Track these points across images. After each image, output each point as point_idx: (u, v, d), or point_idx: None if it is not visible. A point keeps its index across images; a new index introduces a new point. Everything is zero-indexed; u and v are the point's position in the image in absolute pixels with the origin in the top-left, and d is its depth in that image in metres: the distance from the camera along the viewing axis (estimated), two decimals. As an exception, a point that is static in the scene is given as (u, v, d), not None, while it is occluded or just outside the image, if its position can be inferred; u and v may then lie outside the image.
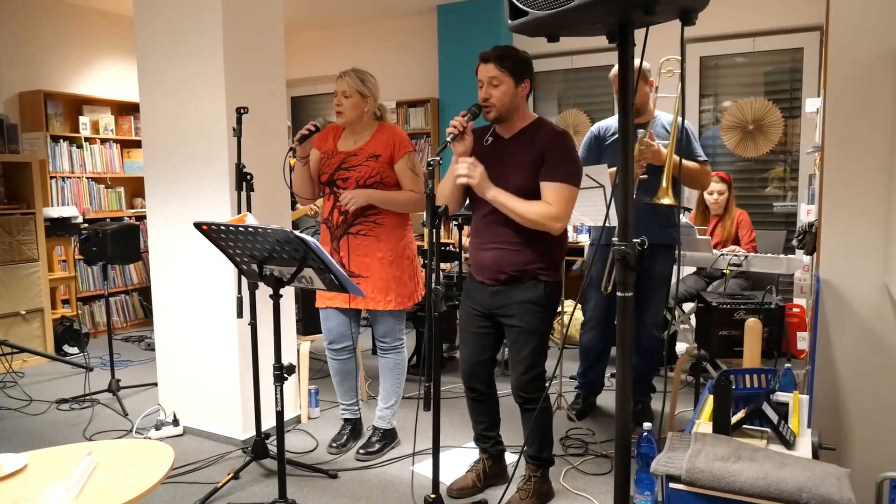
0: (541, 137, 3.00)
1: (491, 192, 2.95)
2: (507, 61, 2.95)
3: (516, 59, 2.98)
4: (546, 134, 3.01)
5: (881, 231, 2.81)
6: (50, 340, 5.95)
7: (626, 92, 1.79)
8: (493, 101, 2.97)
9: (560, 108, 7.26)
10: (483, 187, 2.95)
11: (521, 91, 3.01)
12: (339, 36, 8.25)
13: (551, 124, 3.08)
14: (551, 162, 2.94)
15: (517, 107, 3.03)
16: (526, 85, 3.02)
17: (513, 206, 2.93)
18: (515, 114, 3.04)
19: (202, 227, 2.86)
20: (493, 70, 2.95)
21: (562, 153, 2.97)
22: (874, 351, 2.86)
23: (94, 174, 6.97)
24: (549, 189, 2.93)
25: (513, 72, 2.96)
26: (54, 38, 6.89)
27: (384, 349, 3.85)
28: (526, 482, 3.27)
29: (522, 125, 3.08)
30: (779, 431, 2.18)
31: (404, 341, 3.89)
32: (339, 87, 3.62)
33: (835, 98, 2.84)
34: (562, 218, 2.93)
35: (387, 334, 3.82)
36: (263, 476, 3.64)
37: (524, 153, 3.00)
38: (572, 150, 3.01)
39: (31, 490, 2.10)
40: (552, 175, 2.94)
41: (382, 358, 3.87)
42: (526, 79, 3.02)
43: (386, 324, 3.79)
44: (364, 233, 3.65)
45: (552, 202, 2.92)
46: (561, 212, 2.92)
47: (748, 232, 5.18)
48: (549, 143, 2.98)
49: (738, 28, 6.10)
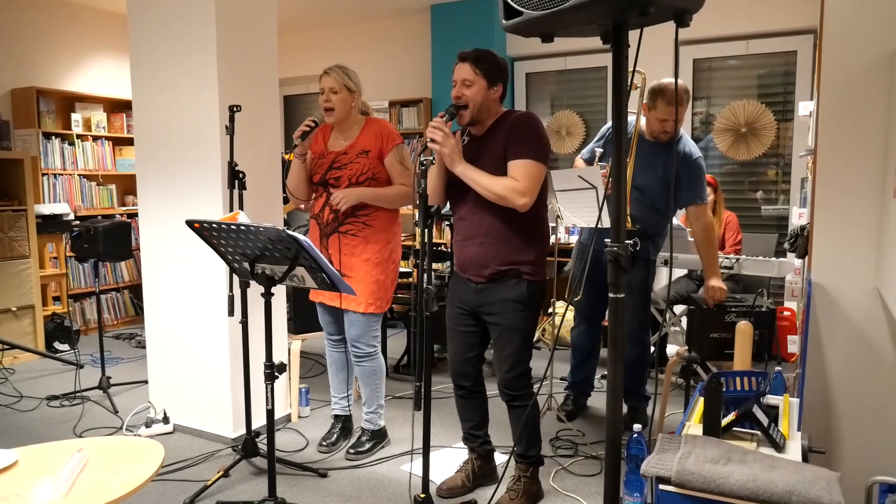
0: (507, 123, 3.07)
1: (460, 166, 3.01)
2: (482, 64, 3.03)
3: (492, 62, 3.06)
4: (512, 119, 3.08)
5: (873, 235, 2.82)
6: (41, 337, 5.92)
7: (619, 92, 1.79)
8: (465, 100, 3.03)
9: (553, 109, 7.27)
10: (453, 159, 3.00)
11: (494, 94, 3.08)
12: (332, 35, 8.23)
13: (518, 112, 3.14)
14: (516, 140, 3.00)
15: (488, 108, 3.09)
16: (499, 88, 3.09)
17: (479, 179, 2.98)
18: (487, 114, 3.10)
19: (194, 224, 2.85)
20: (468, 71, 3.03)
21: (525, 132, 3.02)
22: (865, 355, 2.87)
23: (86, 171, 6.94)
24: (514, 166, 2.98)
25: (487, 74, 3.03)
26: (47, 35, 6.86)
27: (358, 356, 3.76)
28: (515, 482, 3.27)
29: (491, 122, 3.14)
30: (769, 434, 2.19)
31: (378, 348, 3.82)
32: (325, 84, 3.61)
33: (828, 101, 2.85)
34: (527, 193, 2.94)
35: (360, 338, 3.73)
36: (253, 474, 3.63)
37: (495, 144, 3.06)
38: (536, 128, 3.05)
39: (22, 486, 2.09)
40: (516, 153, 2.99)
41: (357, 366, 3.80)
42: (499, 83, 3.09)
43: (359, 327, 3.71)
44: (353, 233, 3.64)
45: (518, 178, 2.95)
46: (526, 187, 2.94)
47: (734, 234, 5.18)
48: (513, 124, 3.05)
49: (732, 31, 6.11)
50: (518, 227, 3.05)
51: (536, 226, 3.11)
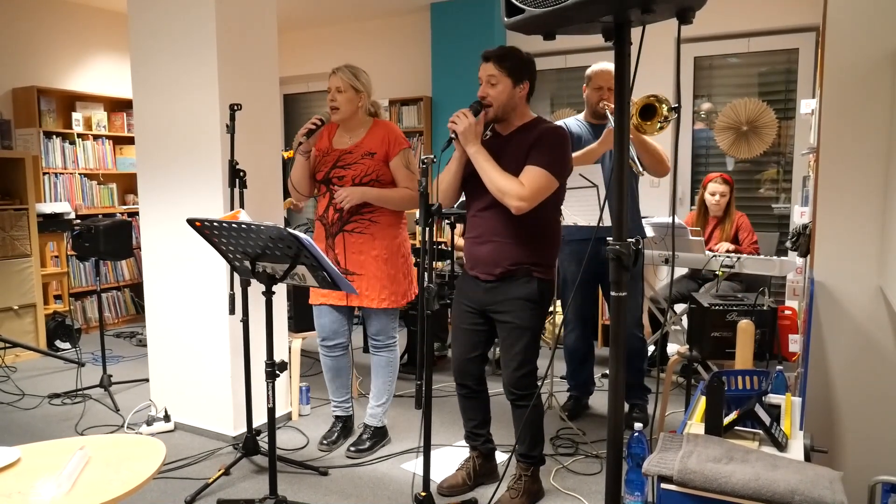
0: (535, 132, 3.04)
1: (473, 147, 2.99)
2: (506, 61, 3.01)
3: (516, 59, 3.03)
4: (542, 129, 3.06)
5: (876, 233, 2.81)
6: (42, 336, 5.92)
7: (622, 91, 1.79)
8: (489, 99, 3.01)
9: (553, 107, 7.25)
10: (466, 138, 2.98)
11: (520, 92, 3.06)
12: (332, 34, 8.23)
13: (549, 122, 3.12)
14: (538, 149, 2.99)
15: (515, 107, 3.07)
16: (525, 86, 3.07)
17: (487, 168, 2.96)
18: (513, 113, 3.08)
19: (195, 223, 2.85)
20: (492, 69, 3.01)
21: (550, 144, 3.00)
22: (868, 354, 2.86)
23: (87, 170, 6.94)
24: (528, 170, 2.96)
25: (511, 72, 3.01)
26: (48, 35, 6.86)
27: (377, 347, 3.84)
28: (516, 481, 3.27)
29: (520, 123, 3.12)
30: (771, 433, 2.18)
31: (397, 339, 3.88)
32: (332, 83, 3.62)
33: (831, 99, 2.84)
34: (526, 199, 2.91)
35: (380, 332, 3.81)
36: (254, 472, 3.63)
37: (519, 149, 3.03)
38: (562, 144, 3.03)
39: (24, 484, 2.09)
40: (533, 159, 2.97)
41: (375, 356, 3.86)
42: (525, 80, 3.07)
43: (379, 322, 3.78)
44: (359, 231, 3.64)
45: (525, 182, 2.93)
46: (528, 193, 2.92)
47: (749, 234, 5.08)
48: (542, 134, 3.03)
49: (733, 28, 6.09)
50: (532, 228, 3.04)
51: (549, 229, 3.11)
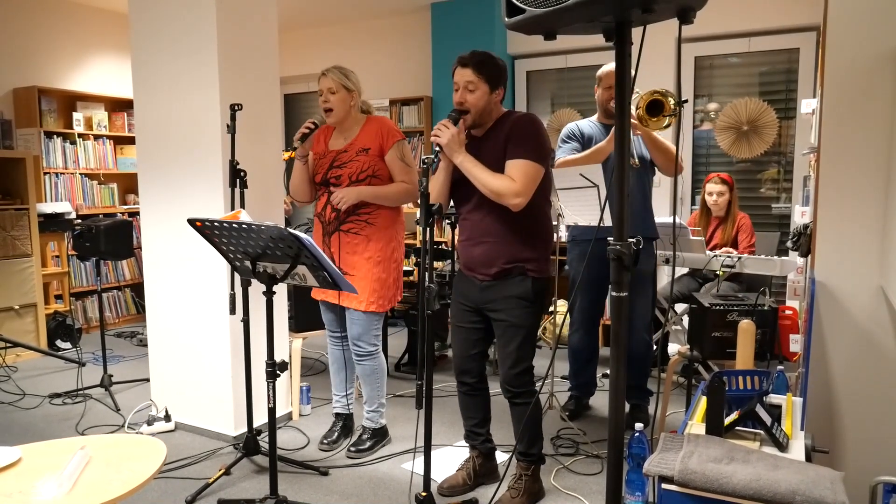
0: (508, 125, 3.08)
1: (459, 156, 3.01)
2: (485, 68, 3.04)
3: (494, 66, 3.06)
4: (512, 120, 3.09)
5: (877, 233, 2.80)
6: (43, 335, 5.93)
7: (623, 91, 1.79)
8: (468, 105, 3.04)
9: (553, 107, 7.25)
10: (452, 149, 2.99)
11: (495, 97, 3.10)
12: (332, 34, 8.22)
13: (519, 112, 3.15)
14: (515, 141, 3.01)
15: (490, 111, 3.11)
16: (500, 91, 3.11)
17: (477, 173, 2.98)
18: (489, 117, 3.12)
19: (196, 223, 2.85)
20: (471, 75, 3.03)
21: (524, 133, 3.02)
22: (869, 354, 2.86)
23: (88, 170, 6.94)
24: (512, 165, 2.99)
25: (490, 79, 3.05)
26: (49, 35, 6.86)
27: (359, 355, 3.76)
28: (517, 481, 3.27)
29: (493, 122, 3.15)
30: (772, 434, 2.18)
31: (379, 347, 3.81)
32: (323, 84, 3.61)
33: (832, 99, 2.84)
34: (521, 193, 2.95)
35: (360, 337, 3.72)
36: (255, 472, 3.63)
37: (495, 144, 3.07)
38: (536, 129, 3.05)
39: (25, 483, 2.09)
40: (515, 152, 3.00)
41: (359, 365, 3.79)
42: (501, 86, 3.10)
43: (361, 325, 3.70)
44: (355, 231, 3.64)
45: (515, 178, 2.96)
46: (522, 188, 2.95)
47: (748, 236, 5.07)
48: (514, 125, 3.06)
49: (734, 28, 6.09)
50: (522, 226, 3.06)
51: (540, 224, 3.12)
